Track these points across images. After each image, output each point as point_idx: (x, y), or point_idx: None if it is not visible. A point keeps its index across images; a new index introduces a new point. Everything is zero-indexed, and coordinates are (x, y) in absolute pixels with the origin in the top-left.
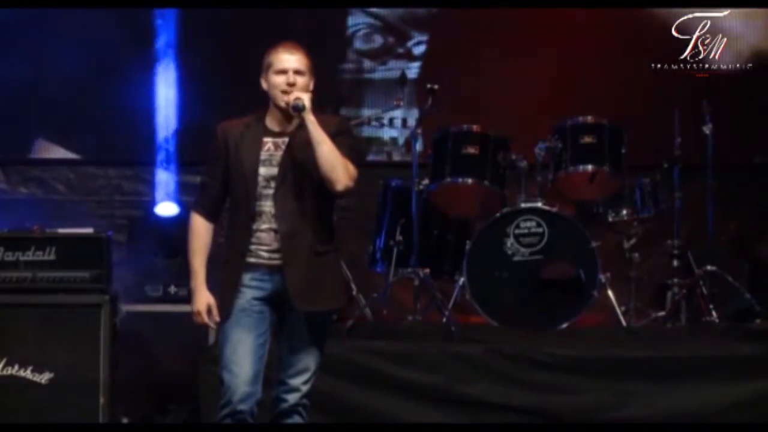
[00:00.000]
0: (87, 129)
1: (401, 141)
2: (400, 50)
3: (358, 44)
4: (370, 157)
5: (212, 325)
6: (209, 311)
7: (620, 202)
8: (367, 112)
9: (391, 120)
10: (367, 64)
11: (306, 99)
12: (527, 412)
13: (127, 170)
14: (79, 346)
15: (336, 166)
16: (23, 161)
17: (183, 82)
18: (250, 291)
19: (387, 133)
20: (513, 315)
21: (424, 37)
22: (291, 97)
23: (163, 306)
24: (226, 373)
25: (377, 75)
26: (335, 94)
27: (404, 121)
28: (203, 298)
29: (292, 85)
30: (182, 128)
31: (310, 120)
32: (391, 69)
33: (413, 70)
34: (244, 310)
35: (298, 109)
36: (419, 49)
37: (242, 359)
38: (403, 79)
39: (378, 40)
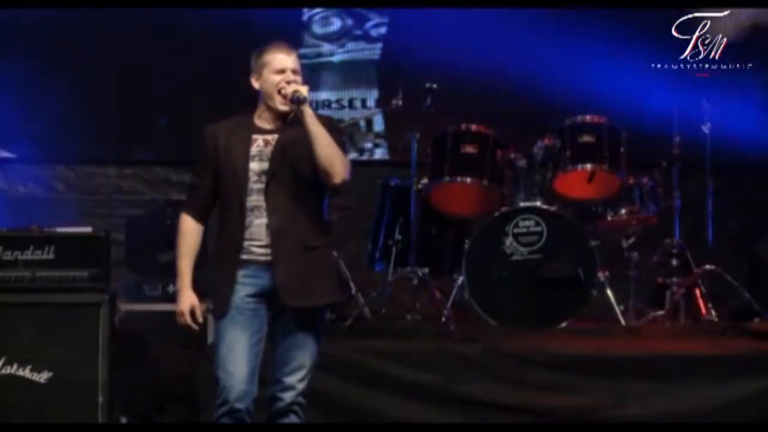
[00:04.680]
0: (85, 128)
1: (362, 123)
2: (358, 32)
3: (316, 28)
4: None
5: (194, 326)
6: (192, 312)
7: (619, 201)
8: (326, 96)
9: (350, 101)
10: (326, 47)
11: (305, 91)
12: (526, 412)
13: (125, 169)
14: (78, 345)
15: (335, 160)
16: (22, 160)
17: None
18: (244, 288)
19: (348, 115)
20: (511, 314)
21: (383, 19)
22: (290, 89)
23: (162, 305)
24: (221, 372)
25: (336, 58)
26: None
27: (363, 102)
28: (187, 299)
29: (290, 83)
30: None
31: (309, 113)
32: (350, 51)
33: (373, 51)
34: (239, 308)
35: (299, 101)
36: (377, 31)
37: (238, 358)
38: (400, 77)
39: (336, 23)
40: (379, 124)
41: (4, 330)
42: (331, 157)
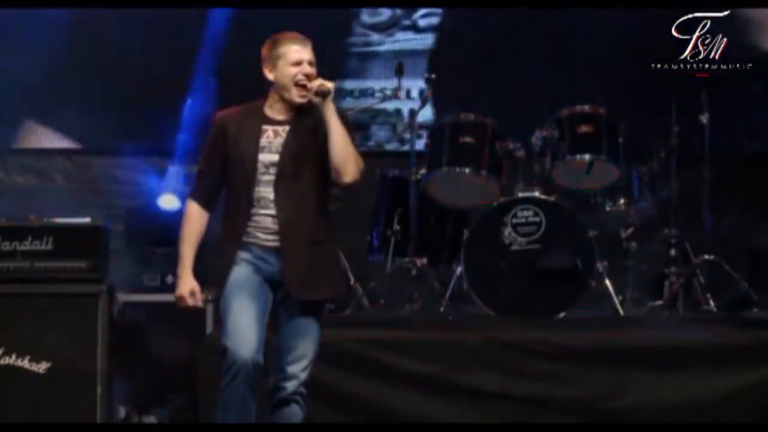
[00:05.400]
0: (83, 118)
1: (405, 114)
2: (407, 22)
3: (365, 17)
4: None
5: (199, 304)
6: (192, 295)
7: (618, 192)
8: (370, 84)
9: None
10: (375, 37)
11: (331, 85)
12: (525, 401)
13: (124, 159)
14: (77, 335)
15: (349, 159)
16: (20, 150)
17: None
18: (250, 266)
19: (392, 105)
20: (510, 304)
21: (431, 10)
22: (315, 83)
23: (161, 295)
24: (230, 340)
25: (383, 48)
26: (342, 67)
27: (408, 92)
28: (187, 284)
29: (308, 75)
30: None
31: (331, 108)
32: (398, 41)
33: (419, 41)
34: (246, 277)
35: (325, 94)
36: (425, 22)
37: (246, 327)
38: (399, 70)
39: (385, 13)
40: (426, 116)
41: (2, 320)
42: (347, 156)
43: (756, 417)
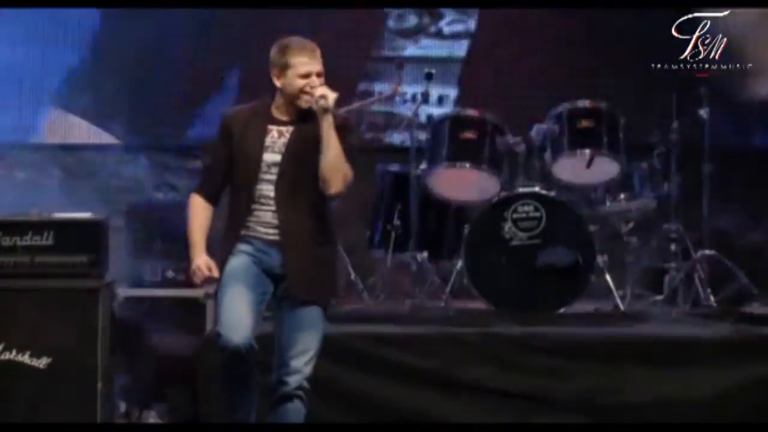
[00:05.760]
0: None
1: (422, 115)
2: (433, 29)
3: (391, 23)
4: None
5: (215, 274)
6: (209, 268)
7: (618, 187)
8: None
9: (414, 96)
10: (400, 42)
11: (332, 100)
12: (524, 397)
13: (125, 155)
14: (78, 331)
15: (336, 172)
16: (21, 145)
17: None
18: (248, 256)
19: (408, 110)
20: (511, 299)
21: (457, 17)
22: (318, 92)
23: (161, 290)
24: (222, 328)
25: (409, 53)
26: (370, 70)
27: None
28: (202, 258)
29: (315, 88)
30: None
31: (328, 122)
32: (423, 48)
33: (445, 49)
34: (243, 267)
35: (324, 109)
36: (450, 29)
37: (239, 314)
38: (400, 65)
39: (411, 20)
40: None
41: (3, 316)
42: (334, 170)
43: (757, 413)
